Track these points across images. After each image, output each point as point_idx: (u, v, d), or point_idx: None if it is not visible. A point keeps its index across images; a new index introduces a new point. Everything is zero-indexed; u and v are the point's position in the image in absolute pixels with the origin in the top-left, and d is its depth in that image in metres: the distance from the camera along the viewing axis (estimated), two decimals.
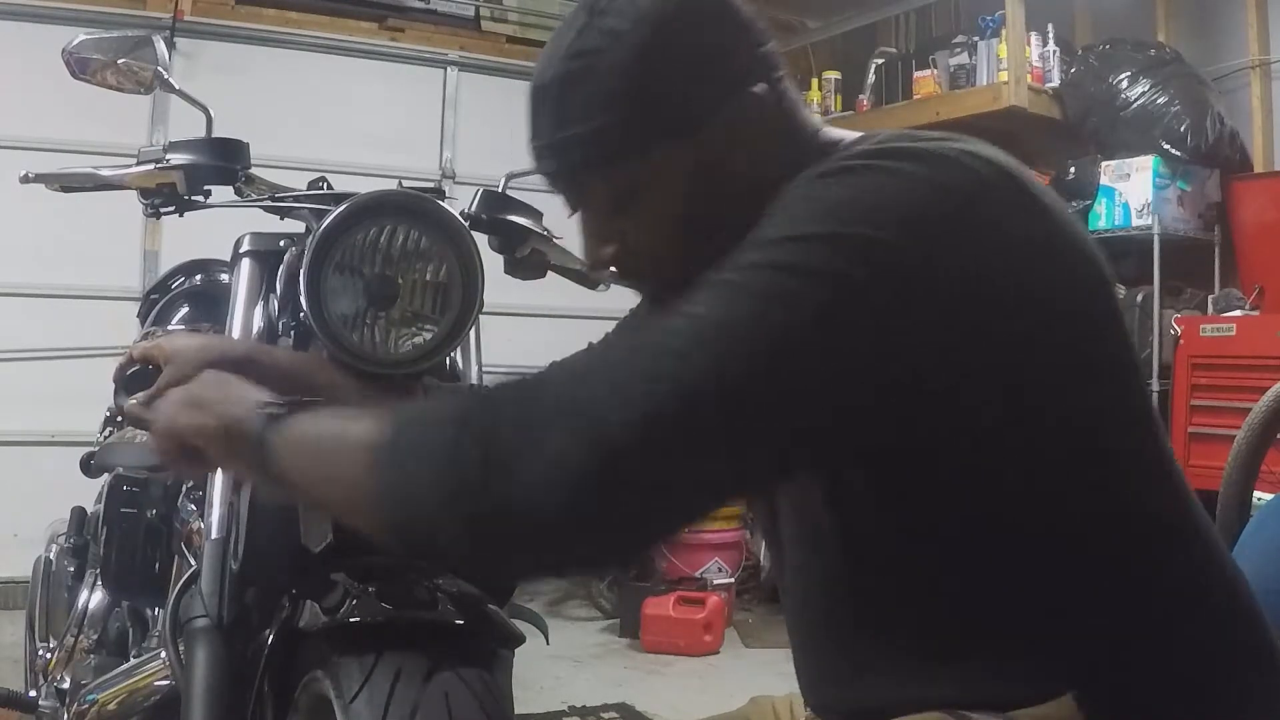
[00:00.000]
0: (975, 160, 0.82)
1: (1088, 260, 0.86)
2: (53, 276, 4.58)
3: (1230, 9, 4.41)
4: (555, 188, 0.95)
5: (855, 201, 0.78)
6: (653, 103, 0.87)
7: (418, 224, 1.35)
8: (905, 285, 0.76)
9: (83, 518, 2.32)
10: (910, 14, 5.53)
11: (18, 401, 4.51)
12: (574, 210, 0.96)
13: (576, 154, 0.90)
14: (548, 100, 0.91)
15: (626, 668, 3.93)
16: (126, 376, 1.42)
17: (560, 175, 0.93)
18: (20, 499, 4.28)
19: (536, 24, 5.67)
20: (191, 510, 1.54)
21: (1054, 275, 0.82)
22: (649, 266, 0.94)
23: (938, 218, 0.78)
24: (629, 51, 0.86)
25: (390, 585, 1.18)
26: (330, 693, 1.11)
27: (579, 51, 0.88)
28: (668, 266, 0.92)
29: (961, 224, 0.79)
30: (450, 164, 5.38)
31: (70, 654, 1.95)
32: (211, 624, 1.25)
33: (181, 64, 4.60)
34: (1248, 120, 4.30)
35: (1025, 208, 0.83)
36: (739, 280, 0.77)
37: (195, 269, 2.34)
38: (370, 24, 5.28)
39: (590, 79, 0.87)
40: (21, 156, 3.22)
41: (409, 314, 1.36)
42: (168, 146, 1.56)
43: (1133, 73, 4.21)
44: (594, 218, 0.94)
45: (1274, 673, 0.87)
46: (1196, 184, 4.17)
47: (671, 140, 0.88)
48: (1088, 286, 0.85)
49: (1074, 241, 0.85)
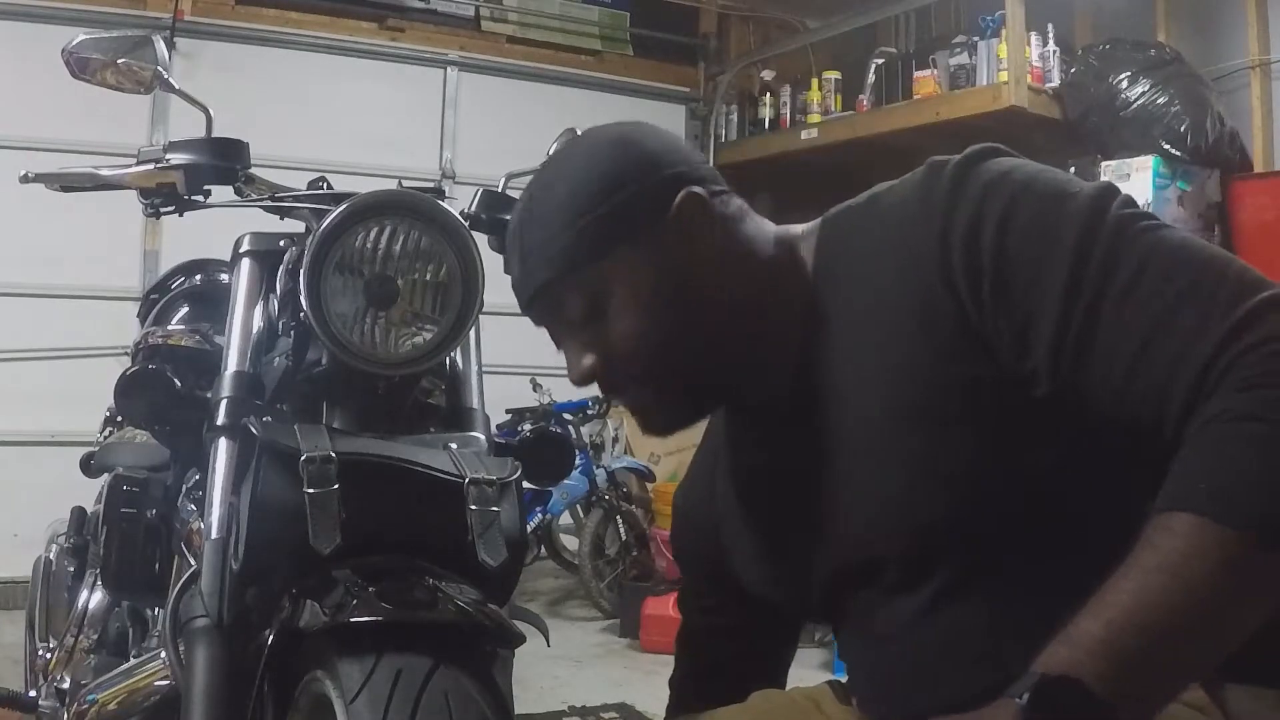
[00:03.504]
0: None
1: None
2: (53, 276, 4.59)
3: (1230, 9, 4.41)
4: (538, 319, 1.05)
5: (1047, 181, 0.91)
6: (599, 216, 0.98)
7: (418, 224, 1.35)
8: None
9: (83, 518, 2.32)
10: (910, 14, 5.54)
11: (18, 401, 4.51)
12: (556, 339, 1.05)
13: (543, 273, 1.00)
14: (515, 243, 1.04)
15: (626, 668, 3.93)
16: (126, 379, 1.42)
17: (536, 298, 1.02)
18: (20, 499, 4.28)
19: (536, 24, 5.68)
20: (191, 510, 1.54)
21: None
22: (626, 369, 1.00)
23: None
24: (570, 184, 1.00)
25: (391, 585, 1.18)
26: (331, 693, 1.11)
27: (529, 201, 1.03)
28: (643, 368, 0.99)
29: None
30: (450, 164, 5.38)
31: (70, 654, 1.95)
32: (211, 624, 1.25)
33: (181, 64, 4.61)
34: (1248, 120, 4.30)
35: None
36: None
37: (195, 269, 2.34)
38: (370, 24, 5.28)
39: (543, 214, 1.01)
40: (21, 156, 3.23)
41: (409, 314, 1.36)
42: (168, 146, 1.56)
43: (1133, 73, 4.21)
44: (570, 332, 1.02)
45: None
46: (1196, 184, 4.18)
47: (624, 244, 0.98)
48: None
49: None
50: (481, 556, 1.28)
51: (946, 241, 0.89)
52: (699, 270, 0.98)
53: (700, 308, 0.98)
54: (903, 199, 0.95)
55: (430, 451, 1.34)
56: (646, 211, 0.98)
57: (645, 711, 3.37)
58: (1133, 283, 0.82)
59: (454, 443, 1.41)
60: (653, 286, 0.98)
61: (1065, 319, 0.84)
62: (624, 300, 0.98)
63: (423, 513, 1.30)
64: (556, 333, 1.05)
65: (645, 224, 0.98)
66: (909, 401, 0.91)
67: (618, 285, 0.98)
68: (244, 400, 1.38)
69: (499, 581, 1.29)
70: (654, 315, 0.98)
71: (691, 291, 0.98)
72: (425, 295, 1.36)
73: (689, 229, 0.99)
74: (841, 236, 1.01)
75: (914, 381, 0.91)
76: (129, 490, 1.63)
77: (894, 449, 0.92)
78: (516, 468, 1.38)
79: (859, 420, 0.95)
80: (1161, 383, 0.80)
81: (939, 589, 0.93)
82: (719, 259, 0.99)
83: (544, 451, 1.56)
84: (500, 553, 1.29)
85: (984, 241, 0.87)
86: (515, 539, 1.32)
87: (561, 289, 1.00)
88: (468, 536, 1.28)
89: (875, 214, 0.98)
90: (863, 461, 0.95)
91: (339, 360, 1.35)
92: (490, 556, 1.28)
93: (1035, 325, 0.85)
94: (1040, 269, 0.85)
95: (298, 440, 1.27)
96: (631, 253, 0.98)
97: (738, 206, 1.04)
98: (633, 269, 0.98)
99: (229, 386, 1.39)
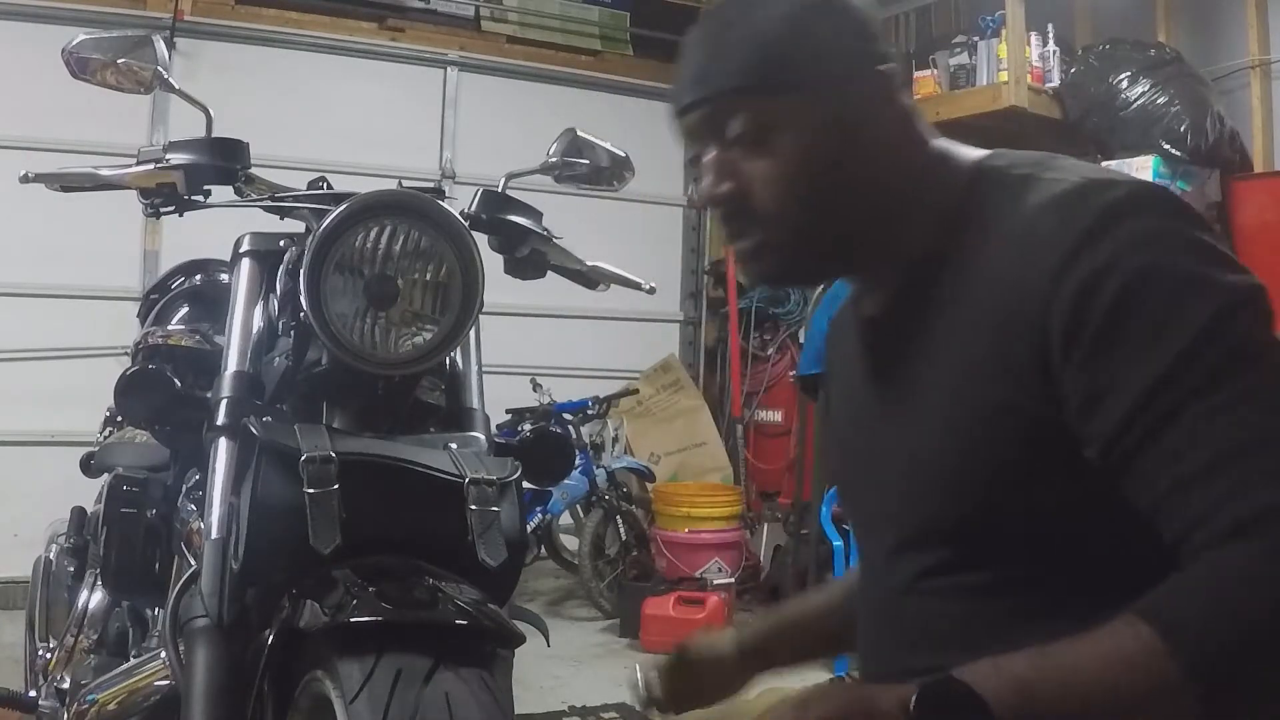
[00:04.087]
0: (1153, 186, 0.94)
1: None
2: (53, 276, 4.58)
3: (1230, 9, 4.41)
4: (691, 124, 1.01)
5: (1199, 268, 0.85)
6: (803, 50, 0.96)
7: (418, 224, 1.35)
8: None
9: (83, 518, 2.32)
10: (910, 14, 5.53)
11: (18, 401, 4.51)
12: (702, 146, 1.01)
13: (723, 81, 0.97)
14: (710, 34, 1.00)
15: (626, 668, 3.92)
16: (126, 379, 1.42)
17: (704, 102, 0.99)
18: (20, 499, 4.29)
19: (536, 24, 5.68)
20: (191, 510, 1.54)
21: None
22: (763, 206, 0.98)
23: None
24: (793, 7, 0.98)
25: (391, 585, 1.18)
26: (331, 693, 1.11)
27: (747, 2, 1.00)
28: (778, 211, 0.98)
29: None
30: (450, 164, 5.38)
31: (70, 654, 1.95)
32: (211, 624, 1.25)
33: (181, 64, 4.61)
34: (1248, 120, 4.30)
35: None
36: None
37: (195, 269, 2.34)
38: (370, 24, 5.28)
39: (755, 20, 0.98)
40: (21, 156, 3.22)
41: (409, 314, 1.36)
42: (168, 146, 1.56)
43: (1133, 73, 4.21)
44: (722, 152, 0.99)
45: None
46: (1196, 184, 4.17)
47: (811, 91, 0.96)
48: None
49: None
50: (481, 556, 1.28)
51: (1061, 279, 0.86)
52: (869, 142, 0.98)
53: (855, 177, 0.97)
54: (1050, 205, 0.91)
55: (430, 451, 1.34)
56: (851, 69, 0.97)
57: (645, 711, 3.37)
58: (1227, 403, 0.80)
59: (454, 443, 1.41)
60: (823, 140, 0.97)
61: (1145, 404, 0.82)
62: (791, 141, 0.96)
63: (423, 513, 1.30)
64: (700, 144, 1.01)
65: (843, 80, 0.97)
66: (969, 398, 0.91)
67: (792, 125, 0.96)
68: (244, 400, 1.38)
69: (499, 581, 1.29)
70: (812, 167, 0.96)
71: (855, 159, 0.98)
72: (425, 295, 1.36)
73: (877, 102, 0.98)
74: (992, 201, 0.97)
75: (979, 384, 0.90)
76: (129, 490, 1.63)
77: (946, 429, 0.93)
78: (516, 468, 1.38)
79: (931, 380, 0.96)
80: (1209, 500, 0.79)
81: (934, 567, 0.95)
82: (890, 140, 0.99)
83: (544, 451, 1.56)
84: (500, 553, 1.29)
85: (1101, 298, 0.84)
86: (515, 539, 1.32)
87: (736, 103, 0.97)
88: (468, 536, 1.28)
89: (1025, 200, 0.93)
90: (920, 417, 0.96)
91: (339, 360, 1.35)
92: (490, 556, 1.28)
93: (1114, 396, 0.83)
94: (1145, 350, 0.83)
95: (298, 440, 1.27)
96: (818, 100, 0.96)
97: (914, 105, 1.03)
98: (812, 115, 0.96)
99: (229, 386, 1.39)
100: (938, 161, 1.01)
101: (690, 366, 6.04)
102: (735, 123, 0.97)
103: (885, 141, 0.99)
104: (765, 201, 0.97)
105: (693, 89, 1.00)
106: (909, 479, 0.97)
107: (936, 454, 0.93)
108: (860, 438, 1.07)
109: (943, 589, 0.94)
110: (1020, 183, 0.95)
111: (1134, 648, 0.76)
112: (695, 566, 4.61)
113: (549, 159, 1.80)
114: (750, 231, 1.00)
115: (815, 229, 0.98)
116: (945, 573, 0.94)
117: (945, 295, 0.96)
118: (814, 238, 0.99)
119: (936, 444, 0.94)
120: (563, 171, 1.81)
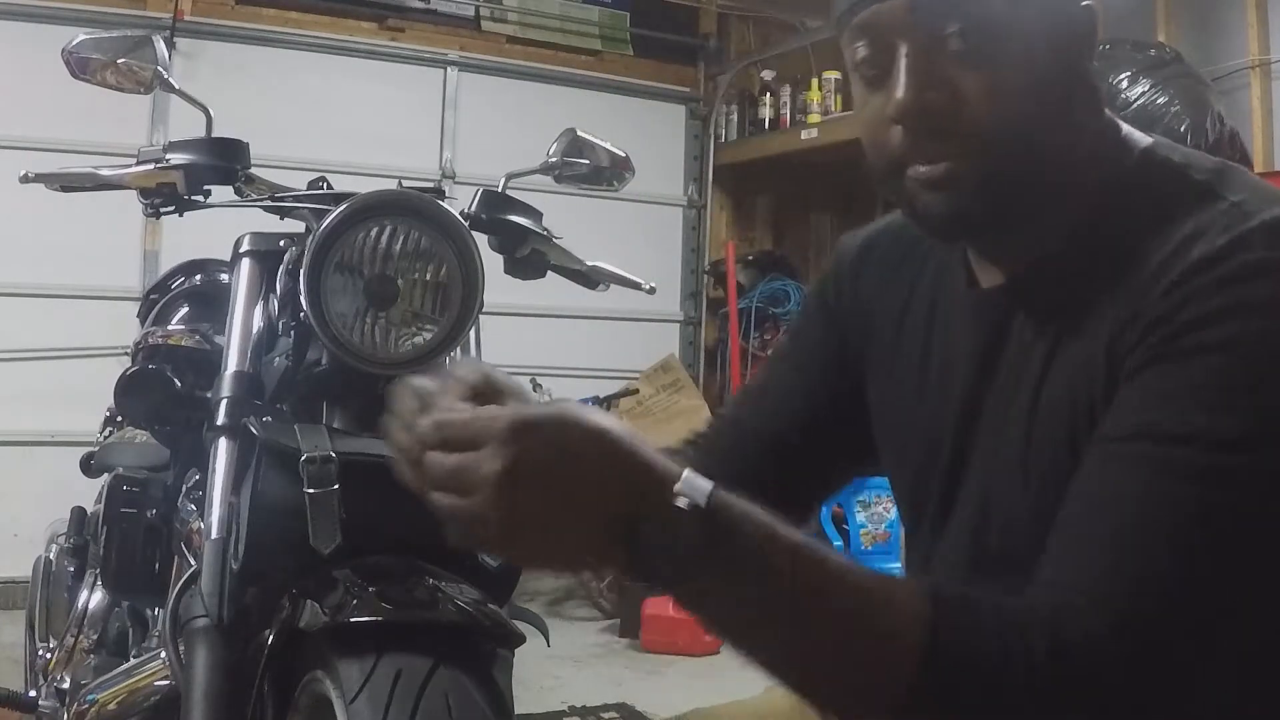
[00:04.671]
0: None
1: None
2: (53, 276, 4.58)
3: (1230, 9, 4.41)
4: (886, 11, 0.84)
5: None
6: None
7: (418, 224, 1.35)
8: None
9: (83, 518, 2.32)
10: None
11: (18, 401, 4.51)
12: (887, 45, 0.85)
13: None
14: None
15: (626, 668, 3.93)
16: (126, 379, 1.42)
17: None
18: (20, 499, 4.28)
19: (536, 24, 5.68)
20: (191, 510, 1.54)
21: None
22: (967, 130, 0.83)
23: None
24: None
25: (391, 585, 1.18)
26: (331, 693, 1.11)
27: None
28: (988, 140, 0.83)
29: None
30: (450, 164, 5.38)
31: (70, 654, 1.95)
32: (211, 624, 1.25)
33: (181, 64, 4.60)
34: (1248, 120, 4.29)
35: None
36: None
37: (195, 269, 2.35)
38: (370, 24, 5.28)
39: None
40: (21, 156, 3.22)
41: (409, 314, 1.36)
42: (168, 146, 1.57)
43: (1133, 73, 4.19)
44: (930, 54, 0.83)
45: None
46: None
47: (1052, 3, 0.85)
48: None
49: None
50: (481, 556, 1.28)
51: (1149, 331, 0.79)
52: (1083, 76, 0.87)
53: (1071, 113, 0.86)
54: (1185, 238, 0.80)
55: None
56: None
57: (645, 711, 3.37)
58: (1160, 494, 0.75)
59: None
60: (1055, 60, 0.84)
61: (1114, 443, 0.78)
62: (1026, 52, 0.83)
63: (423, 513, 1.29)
64: (887, 41, 0.85)
65: (1074, 2, 0.87)
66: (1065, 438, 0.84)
67: (1029, 34, 0.83)
68: (244, 400, 1.38)
69: (499, 581, 1.29)
70: (1043, 88, 0.84)
71: (1075, 91, 0.87)
72: (425, 295, 1.37)
73: (1090, 35, 0.88)
74: (1165, 200, 0.85)
75: (1074, 419, 0.83)
76: (129, 490, 1.63)
77: (1039, 453, 0.86)
78: None
79: (1041, 396, 0.87)
80: (1081, 581, 0.74)
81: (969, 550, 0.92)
82: (1092, 82, 0.89)
83: None
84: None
85: (1203, 335, 0.76)
86: None
87: (963, 3, 0.82)
88: None
89: (1200, 221, 0.81)
90: (1017, 437, 0.88)
91: (339, 360, 1.36)
92: (490, 556, 1.28)
93: (1120, 408, 0.79)
94: (1162, 405, 0.76)
95: (298, 440, 1.27)
96: (1057, 14, 0.85)
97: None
98: (1051, 29, 0.84)
99: (229, 386, 1.39)
100: (1112, 127, 0.91)
101: (690, 366, 6.03)
102: (957, 18, 0.82)
103: (1089, 82, 0.88)
104: (983, 119, 0.83)
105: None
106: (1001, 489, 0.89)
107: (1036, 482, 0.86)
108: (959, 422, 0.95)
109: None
110: (1199, 193, 0.84)
111: (904, 598, 0.73)
112: None
113: (549, 159, 1.80)
114: (948, 154, 0.84)
115: (1025, 161, 0.84)
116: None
117: (1083, 293, 0.85)
118: (1020, 172, 0.84)
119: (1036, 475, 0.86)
120: (563, 171, 1.81)
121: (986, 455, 0.92)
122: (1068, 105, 0.86)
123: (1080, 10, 0.87)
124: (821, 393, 1.08)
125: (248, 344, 1.44)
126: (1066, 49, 0.85)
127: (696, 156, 6.04)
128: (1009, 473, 0.88)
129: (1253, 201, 0.81)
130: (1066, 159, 0.87)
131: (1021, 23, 0.83)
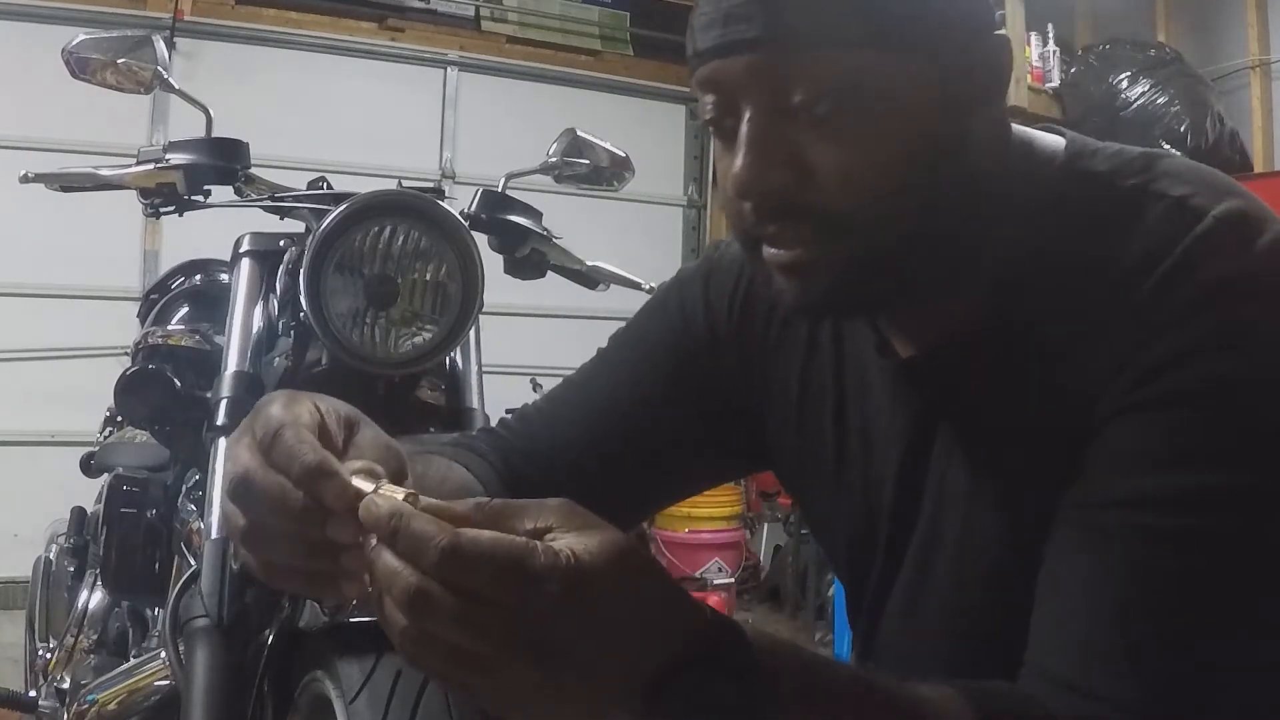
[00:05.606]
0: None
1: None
2: (53, 276, 4.58)
3: (1230, 9, 4.42)
4: (729, 79, 0.71)
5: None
6: (926, 4, 0.71)
7: (418, 224, 1.35)
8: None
9: (83, 518, 2.32)
10: None
11: (18, 401, 4.51)
12: (732, 107, 0.72)
13: (807, 19, 0.68)
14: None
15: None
16: (126, 379, 1.42)
17: (762, 45, 0.69)
18: (20, 499, 4.28)
19: (536, 24, 5.68)
20: (191, 510, 1.54)
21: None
22: (821, 211, 0.71)
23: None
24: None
25: None
26: (331, 693, 1.11)
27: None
28: (845, 222, 0.71)
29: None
30: (450, 164, 5.38)
31: (70, 654, 1.95)
32: (211, 624, 1.25)
33: (181, 64, 4.60)
34: (1248, 120, 4.30)
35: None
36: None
37: (195, 269, 2.35)
38: (370, 24, 5.28)
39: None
40: (21, 156, 3.22)
41: (409, 314, 1.36)
42: (168, 146, 1.56)
43: (1133, 73, 4.21)
44: (774, 121, 0.70)
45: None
46: None
47: (933, 51, 0.70)
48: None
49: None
50: None
51: (1111, 380, 0.69)
52: (979, 127, 0.73)
53: (958, 174, 0.72)
54: (1132, 267, 0.70)
55: None
56: (979, 28, 0.73)
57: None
58: (1161, 568, 0.67)
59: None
60: (934, 119, 0.70)
61: (1093, 510, 0.69)
62: (892, 117, 0.69)
63: None
64: (732, 102, 0.72)
65: (970, 41, 0.72)
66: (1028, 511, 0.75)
67: (897, 94, 0.69)
68: (244, 400, 1.38)
69: None
70: (915, 155, 0.70)
71: (964, 149, 0.72)
72: (425, 295, 1.36)
73: (994, 74, 0.74)
74: (1091, 223, 0.74)
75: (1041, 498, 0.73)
76: (129, 490, 1.64)
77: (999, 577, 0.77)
78: None
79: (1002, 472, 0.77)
80: (1091, 660, 0.68)
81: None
82: (996, 126, 0.76)
83: None
84: None
85: (1151, 392, 0.68)
86: None
87: (820, 55, 0.68)
88: None
89: (1130, 237, 0.71)
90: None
91: (339, 360, 1.35)
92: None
93: (1094, 469, 0.70)
94: (1139, 465, 0.68)
95: None
96: (938, 65, 0.70)
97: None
98: (927, 84, 0.69)
99: (229, 386, 1.39)
100: (1022, 154, 0.78)
101: None
102: (808, 82, 0.68)
103: (992, 129, 0.75)
104: (836, 202, 0.70)
105: (744, 20, 0.69)
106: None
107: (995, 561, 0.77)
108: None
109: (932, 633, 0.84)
110: (1132, 202, 0.73)
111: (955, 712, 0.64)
112: (695, 566, 4.61)
113: (549, 159, 1.80)
114: (800, 238, 0.72)
115: (895, 240, 0.71)
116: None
117: (1018, 353, 0.75)
118: (891, 252, 0.72)
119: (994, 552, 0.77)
120: (563, 171, 1.81)
121: (921, 565, 0.84)
122: (956, 162, 0.72)
123: (993, 41, 0.74)
124: (681, 411, 1.00)
125: (248, 344, 1.44)
126: (956, 101, 0.71)
127: (696, 156, 6.04)
128: (949, 581, 0.81)
129: (1198, 195, 0.71)
130: (959, 222, 0.74)
131: (893, 81, 0.69)
